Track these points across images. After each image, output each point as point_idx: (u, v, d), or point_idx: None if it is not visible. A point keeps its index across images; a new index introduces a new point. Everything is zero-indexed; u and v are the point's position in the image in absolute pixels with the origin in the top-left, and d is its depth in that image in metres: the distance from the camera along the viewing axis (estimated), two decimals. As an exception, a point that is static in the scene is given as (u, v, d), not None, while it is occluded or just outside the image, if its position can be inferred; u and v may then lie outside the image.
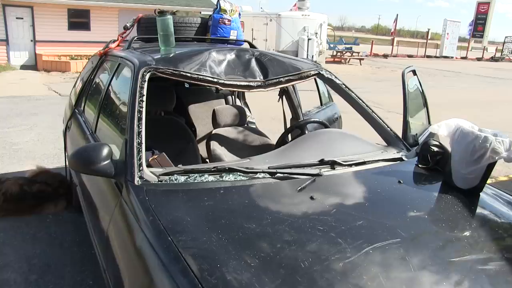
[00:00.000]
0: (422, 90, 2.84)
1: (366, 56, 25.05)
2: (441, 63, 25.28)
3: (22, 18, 14.63)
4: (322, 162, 2.02)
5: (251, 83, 2.36)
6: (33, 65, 14.81)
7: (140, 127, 1.93)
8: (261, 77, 2.39)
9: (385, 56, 27.73)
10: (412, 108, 2.54)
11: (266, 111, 5.69)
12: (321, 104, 4.08)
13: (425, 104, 2.82)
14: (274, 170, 1.90)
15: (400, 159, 2.24)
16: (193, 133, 3.43)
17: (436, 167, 2.13)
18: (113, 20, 15.77)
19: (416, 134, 2.48)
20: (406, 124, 2.46)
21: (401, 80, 2.48)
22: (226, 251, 1.37)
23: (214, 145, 2.72)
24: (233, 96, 4.08)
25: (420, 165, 2.18)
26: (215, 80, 2.26)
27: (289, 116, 3.57)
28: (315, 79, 3.15)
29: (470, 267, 1.43)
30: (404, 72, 2.52)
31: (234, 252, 1.36)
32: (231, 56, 2.42)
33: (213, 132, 2.82)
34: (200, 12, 16.32)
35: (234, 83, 2.32)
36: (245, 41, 3.38)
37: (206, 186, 1.79)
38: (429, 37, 32.20)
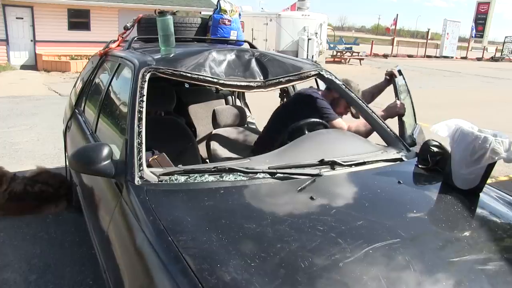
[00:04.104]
0: (408, 89, 2.86)
1: (366, 56, 25.03)
2: (441, 63, 25.26)
3: (22, 18, 14.64)
4: (322, 162, 2.02)
5: (251, 83, 2.36)
6: (33, 65, 14.82)
7: (140, 127, 1.93)
8: (261, 78, 2.39)
9: (385, 56, 27.72)
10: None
11: (266, 111, 5.67)
12: (321, 104, 4.07)
13: (412, 103, 2.83)
14: (274, 170, 1.90)
15: (400, 160, 2.24)
16: (193, 133, 3.43)
17: (436, 167, 2.13)
18: (113, 20, 15.78)
19: (412, 133, 2.49)
20: (402, 123, 2.47)
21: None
22: (226, 251, 1.37)
23: (214, 145, 2.72)
24: (233, 96, 4.08)
25: (420, 166, 2.18)
26: (215, 80, 2.27)
27: (289, 116, 3.56)
28: (315, 79, 3.15)
29: (470, 267, 1.43)
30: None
31: (234, 252, 1.37)
32: (231, 56, 2.42)
33: (213, 132, 2.83)
34: (200, 12, 16.32)
35: (234, 83, 2.32)
36: (245, 41, 3.38)
37: (206, 186, 1.79)
38: (429, 37, 32.22)
